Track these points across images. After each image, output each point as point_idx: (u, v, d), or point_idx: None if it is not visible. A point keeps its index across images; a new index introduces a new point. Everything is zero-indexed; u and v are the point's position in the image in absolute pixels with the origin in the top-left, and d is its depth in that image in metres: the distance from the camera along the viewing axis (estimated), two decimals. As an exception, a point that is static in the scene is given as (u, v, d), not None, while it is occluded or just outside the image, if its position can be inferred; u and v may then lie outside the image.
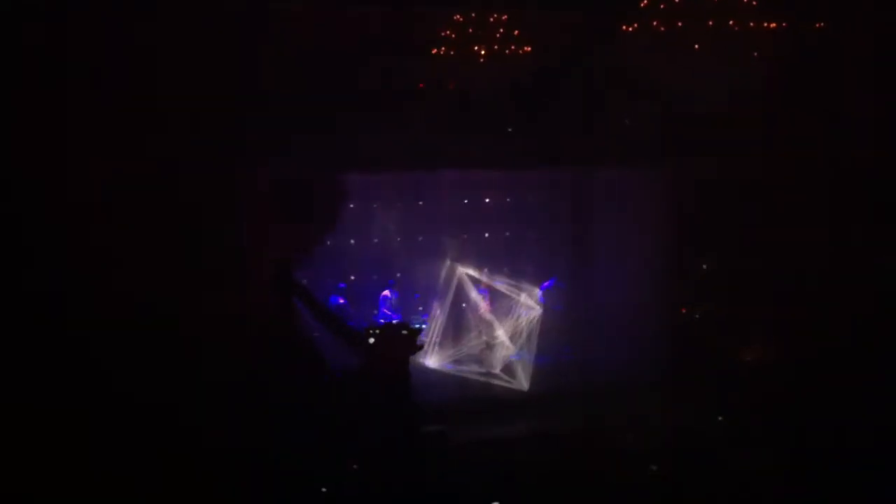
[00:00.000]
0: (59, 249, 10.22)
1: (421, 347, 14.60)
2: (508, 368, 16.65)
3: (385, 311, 16.41)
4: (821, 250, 15.02)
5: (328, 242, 16.15)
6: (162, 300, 10.70)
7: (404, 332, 14.22)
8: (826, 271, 14.91)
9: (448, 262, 16.69)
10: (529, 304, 16.78)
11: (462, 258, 16.82)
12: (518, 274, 16.95)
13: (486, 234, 17.31)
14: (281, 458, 11.20)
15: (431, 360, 16.61)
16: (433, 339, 16.60)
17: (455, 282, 16.73)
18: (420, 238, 16.87)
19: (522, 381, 16.41)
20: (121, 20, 11.00)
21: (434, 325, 16.73)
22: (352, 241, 16.62)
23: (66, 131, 10.41)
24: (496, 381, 16.49)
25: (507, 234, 17.49)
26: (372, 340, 13.69)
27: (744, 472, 11.50)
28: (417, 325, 14.99)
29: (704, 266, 16.38)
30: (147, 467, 9.87)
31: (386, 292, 16.50)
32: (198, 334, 10.92)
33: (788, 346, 14.97)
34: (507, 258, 17.16)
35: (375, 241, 16.67)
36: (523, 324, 16.86)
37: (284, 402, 11.77)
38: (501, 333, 16.78)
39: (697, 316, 16.78)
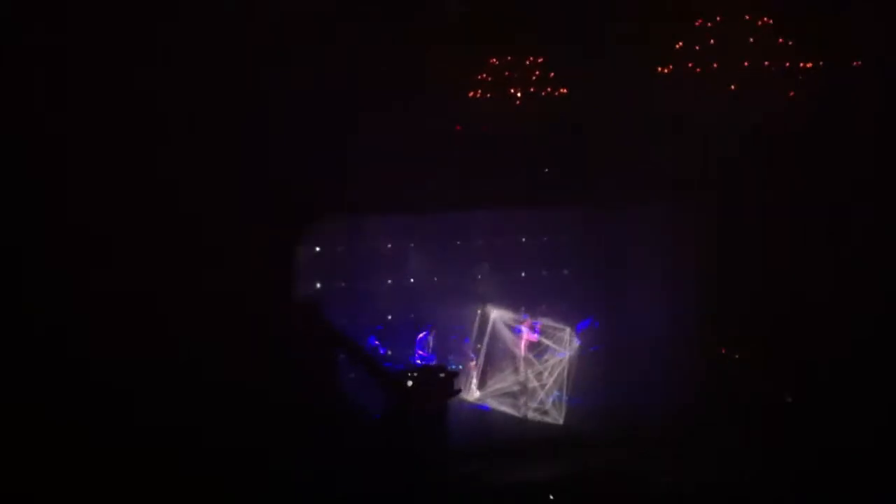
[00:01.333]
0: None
1: (459, 391, 14.70)
2: (543, 408, 16.56)
3: (420, 352, 16.38)
4: (857, 281, 14.80)
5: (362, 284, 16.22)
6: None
7: (442, 374, 14.35)
8: (864, 312, 14.70)
9: (483, 304, 16.62)
10: (562, 345, 16.70)
11: (497, 298, 16.76)
12: (554, 314, 16.85)
13: (524, 274, 17.23)
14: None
15: (469, 397, 16.55)
16: (470, 379, 16.53)
17: (490, 323, 16.68)
18: (455, 279, 16.79)
19: (557, 418, 16.34)
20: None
21: (470, 365, 16.67)
22: (388, 282, 16.55)
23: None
24: (531, 420, 16.42)
25: (544, 273, 17.39)
26: (410, 383, 13.81)
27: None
28: (454, 368, 15.00)
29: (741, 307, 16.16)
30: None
31: (422, 334, 16.49)
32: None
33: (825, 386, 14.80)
34: (543, 297, 17.05)
35: (412, 280, 16.62)
36: (557, 364, 16.79)
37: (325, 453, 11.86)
38: (535, 375, 16.70)
39: (737, 356, 16.61)
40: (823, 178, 15.15)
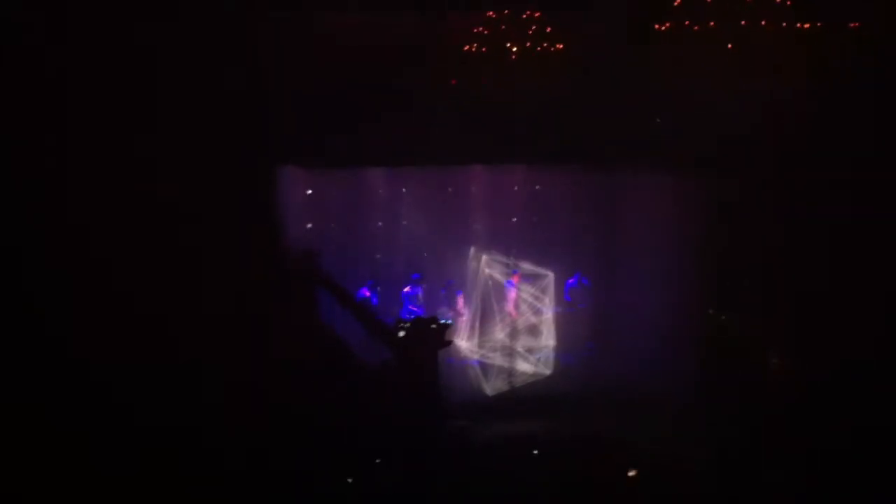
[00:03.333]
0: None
1: (450, 342, 14.74)
2: (532, 363, 16.65)
3: (410, 307, 16.42)
4: (857, 257, 14.76)
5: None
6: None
7: (433, 325, 14.40)
8: (860, 278, 14.66)
9: (474, 252, 16.59)
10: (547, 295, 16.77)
11: (488, 247, 16.73)
12: (544, 265, 16.86)
13: (514, 219, 17.16)
14: (307, 450, 11.29)
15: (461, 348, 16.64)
16: (461, 333, 16.59)
17: (482, 276, 16.70)
18: (447, 230, 16.77)
19: (545, 370, 16.40)
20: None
21: (461, 319, 16.72)
22: (380, 232, 16.55)
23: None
24: (520, 376, 16.51)
25: (535, 219, 17.36)
26: (402, 334, 13.86)
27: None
28: (446, 320, 15.00)
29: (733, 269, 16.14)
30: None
31: (408, 288, 16.52)
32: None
33: (816, 354, 14.80)
34: (534, 247, 17.04)
35: (403, 231, 16.61)
36: (546, 320, 16.88)
37: (311, 394, 11.88)
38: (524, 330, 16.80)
39: (724, 317, 16.65)
40: (820, 145, 15.03)
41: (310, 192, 15.73)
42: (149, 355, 10.26)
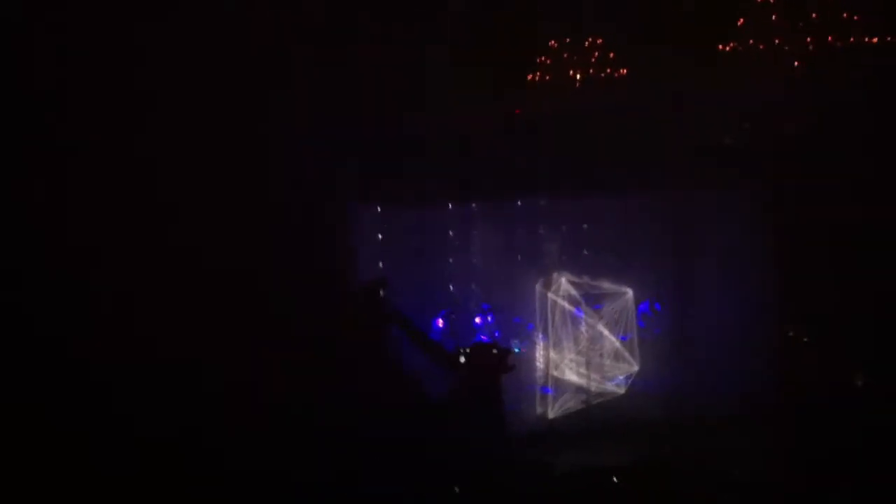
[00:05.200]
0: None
1: (513, 367, 14.70)
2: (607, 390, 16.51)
3: (481, 337, 16.42)
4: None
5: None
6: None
7: (494, 350, 14.41)
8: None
9: (544, 281, 16.51)
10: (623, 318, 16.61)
11: (560, 275, 16.64)
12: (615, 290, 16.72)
13: (585, 252, 17.03)
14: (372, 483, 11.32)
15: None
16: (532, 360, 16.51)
17: (552, 307, 16.62)
18: (518, 264, 16.76)
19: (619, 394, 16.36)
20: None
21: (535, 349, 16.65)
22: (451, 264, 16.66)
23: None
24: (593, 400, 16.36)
25: (603, 247, 17.01)
26: (462, 360, 13.91)
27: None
28: (508, 346, 14.99)
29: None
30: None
31: (478, 319, 16.55)
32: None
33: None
34: (603, 274, 16.88)
35: (474, 263, 16.67)
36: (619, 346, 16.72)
37: (374, 425, 11.95)
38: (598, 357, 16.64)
39: (806, 340, 16.28)
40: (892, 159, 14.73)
41: (380, 236, 15.89)
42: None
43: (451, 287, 16.76)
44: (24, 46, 10.54)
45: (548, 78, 15.64)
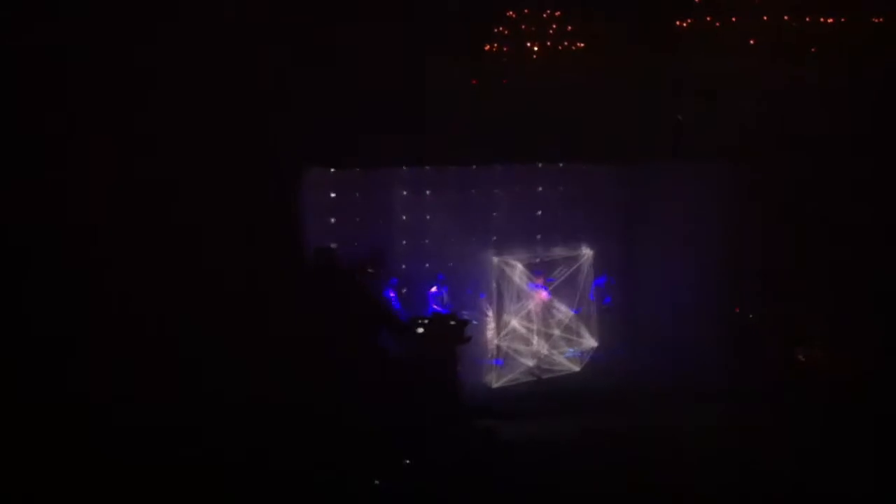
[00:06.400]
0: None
1: (469, 339, 14.71)
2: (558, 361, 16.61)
3: (435, 307, 16.39)
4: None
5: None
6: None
7: (452, 322, 14.41)
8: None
9: (498, 252, 16.49)
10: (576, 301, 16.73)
11: (512, 245, 16.63)
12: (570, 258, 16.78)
13: (539, 213, 17.09)
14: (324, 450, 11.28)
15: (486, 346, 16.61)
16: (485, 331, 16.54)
17: (504, 278, 16.61)
18: (470, 230, 16.71)
19: (572, 367, 16.50)
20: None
21: (485, 319, 16.65)
22: (403, 242, 16.57)
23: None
24: (546, 372, 16.47)
25: (559, 217, 17.08)
26: (420, 330, 13.88)
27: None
28: (465, 317, 15.00)
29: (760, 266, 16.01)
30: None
31: (434, 288, 16.50)
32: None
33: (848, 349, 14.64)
34: (559, 243, 16.95)
35: (428, 230, 16.59)
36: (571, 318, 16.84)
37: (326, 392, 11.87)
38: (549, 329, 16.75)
39: (751, 316, 16.52)
40: (845, 138, 14.94)
41: (333, 195, 15.71)
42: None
43: (403, 257, 16.73)
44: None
45: (505, 49, 15.55)
